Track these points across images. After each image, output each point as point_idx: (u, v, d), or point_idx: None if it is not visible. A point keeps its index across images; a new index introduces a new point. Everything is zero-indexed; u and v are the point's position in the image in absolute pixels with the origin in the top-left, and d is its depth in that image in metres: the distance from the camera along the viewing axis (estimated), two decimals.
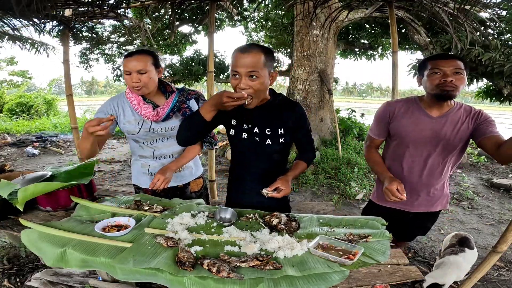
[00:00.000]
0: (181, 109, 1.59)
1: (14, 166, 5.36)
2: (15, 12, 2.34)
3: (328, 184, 4.56)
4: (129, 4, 3.13)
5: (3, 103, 12.31)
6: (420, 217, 1.65)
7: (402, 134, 1.53)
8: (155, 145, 1.64)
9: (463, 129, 1.45)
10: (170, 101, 1.56)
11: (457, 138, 1.46)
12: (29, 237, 1.23)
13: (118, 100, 1.57)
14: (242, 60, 1.15)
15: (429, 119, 1.47)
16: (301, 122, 1.41)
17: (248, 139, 1.40)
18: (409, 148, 1.53)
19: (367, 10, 3.29)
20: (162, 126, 1.59)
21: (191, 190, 1.81)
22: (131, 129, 1.57)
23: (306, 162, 1.50)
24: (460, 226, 3.27)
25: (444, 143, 1.47)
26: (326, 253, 1.11)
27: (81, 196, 1.63)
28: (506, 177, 5.09)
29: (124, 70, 1.45)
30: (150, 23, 7.41)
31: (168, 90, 1.61)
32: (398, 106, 1.56)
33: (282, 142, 1.40)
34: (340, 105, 10.55)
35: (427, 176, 1.55)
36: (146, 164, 1.67)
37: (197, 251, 1.13)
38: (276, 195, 1.30)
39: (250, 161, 1.46)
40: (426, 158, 1.52)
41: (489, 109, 34.02)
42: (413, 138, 1.50)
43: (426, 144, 1.49)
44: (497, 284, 2.27)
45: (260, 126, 1.38)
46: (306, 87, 6.06)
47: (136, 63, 1.42)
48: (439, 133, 1.46)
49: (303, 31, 5.89)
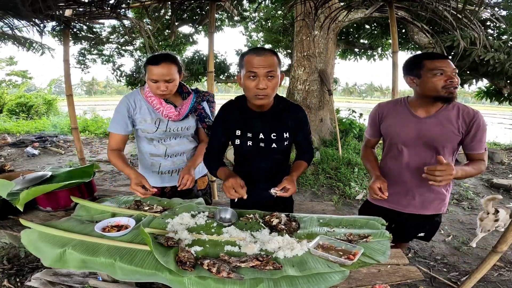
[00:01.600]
0: (197, 110, 1.67)
1: (14, 166, 5.35)
2: (15, 12, 2.34)
3: (328, 184, 4.56)
4: (129, 4, 3.13)
5: (3, 103, 12.30)
6: (414, 219, 1.59)
7: (391, 134, 1.54)
8: (168, 143, 1.66)
9: (452, 130, 1.40)
10: (189, 102, 1.63)
11: (444, 138, 1.42)
12: (29, 237, 1.23)
13: (134, 98, 1.58)
14: (260, 62, 1.19)
15: (415, 119, 1.45)
16: (302, 125, 1.45)
17: (254, 146, 1.42)
18: (399, 148, 1.52)
19: (367, 10, 3.29)
20: (179, 126, 1.63)
21: (198, 188, 1.83)
22: (147, 128, 1.59)
23: (307, 161, 1.53)
24: (460, 226, 3.27)
25: (432, 143, 1.43)
26: (326, 253, 1.11)
27: (81, 196, 1.63)
28: (506, 177, 5.09)
29: (150, 77, 1.46)
30: (150, 23, 7.42)
31: (184, 90, 1.67)
32: (387, 107, 1.57)
33: (286, 145, 1.44)
34: (340, 105, 10.56)
35: (417, 177, 1.49)
36: (157, 162, 1.68)
37: (197, 251, 1.13)
38: (285, 194, 1.32)
39: (254, 163, 1.48)
40: (415, 159, 1.49)
41: (489, 109, 34.01)
42: (402, 139, 1.50)
43: (414, 145, 1.47)
44: (497, 284, 2.27)
45: (266, 132, 1.40)
46: (306, 87, 6.06)
47: (164, 72, 1.44)
48: (426, 134, 1.43)
49: (303, 32, 5.89)
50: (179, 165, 1.70)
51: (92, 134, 8.79)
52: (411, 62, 1.43)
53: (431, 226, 1.64)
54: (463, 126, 1.40)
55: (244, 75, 1.25)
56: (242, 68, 1.26)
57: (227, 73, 8.71)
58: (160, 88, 1.47)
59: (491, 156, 6.21)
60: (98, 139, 8.24)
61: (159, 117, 1.59)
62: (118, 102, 1.59)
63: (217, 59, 8.60)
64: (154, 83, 1.47)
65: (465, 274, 2.37)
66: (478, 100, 6.98)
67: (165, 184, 1.70)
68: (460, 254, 2.71)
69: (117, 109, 1.58)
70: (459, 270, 2.46)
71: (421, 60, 1.37)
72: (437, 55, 1.38)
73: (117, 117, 1.57)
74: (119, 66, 9.02)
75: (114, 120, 1.58)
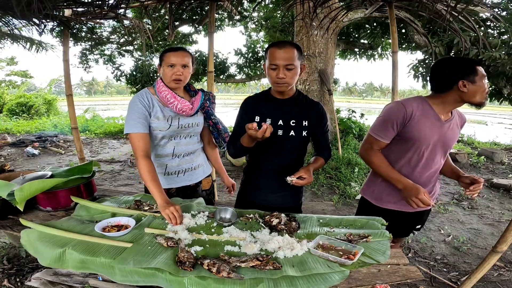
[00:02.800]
0: (204, 107, 1.70)
1: (14, 166, 5.36)
2: (15, 12, 2.34)
3: (328, 184, 4.56)
4: (128, 4, 3.13)
5: (3, 103, 12.31)
6: (418, 214, 1.66)
7: (415, 137, 1.46)
8: (177, 141, 1.65)
9: (457, 133, 1.54)
10: (199, 98, 1.67)
11: (454, 141, 1.52)
12: (28, 237, 1.23)
13: (145, 95, 1.55)
14: (280, 55, 1.31)
15: (440, 123, 1.47)
16: (322, 118, 1.49)
17: (271, 134, 1.41)
18: (421, 151, 1.50)
19: (367, 10, 3.29)
20: (190, 122, 1.64)
21: (203, 188, 1.83)
22: (160, 125, 1.56)
23: (324, 158, 1.55)
24: (460, 226, 3.27)
25: (446, 145, 1.52)
26: (326, 253, 1.11)
27: (81, 196, 1.63)
28: (506, 177, 5.09)
29: (167, 63, 1.51)
30: (150, 23, 7.42)
31: (192, 89, 1.73)
32: (414, 107, 1.44)
33: (304, 136, 1.46)
34: (340, 105, 10.57)
35: (428, 176, 1.56)
36: (163, 163, 1.66)
37: (197, 251, 1.13)
38: (301, 182, 1.33)
39: (270, 157, 1.49)
40: (429, 160, 1.52)
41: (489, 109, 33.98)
42: (424, 142, 1.47)
43: (434, 147, 1.50)
44: (497, 284, 2.27)
45: (285, 118, 1.44)
46: (306, 87, 6.05)
47: (182, 57, 1.52)
48: (445, 137, 1.48)
49: (303, 31, 5.89)
50: (186, 166, 1.69)
51: (92, 134, 8.80)
52: (466, 67, 1.37)
53: (427, 215, 1.75)
54: (460, 128, 1.55)
55: (267, 66, 1.36)
56: (266, 60, 1.37)
57: (227, 73, 8.71)
58: (177, 72, 1.51)
59: (491, 156, 6.22)
60: (98, 139, 8.24)
61: (171, 114, 1.58)
62: (129, 103, 1.53)
63: (217, 59, 8.59)
64: (170, 67, 1.51)
65: (465, 274, 2.37)
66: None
67: (171, 186, 1.69)
68: (460, 254, 2.71)
69: (131, 108, 1.50)
70: (459, 270, 2.46)
71: (474, 66, 1.37)
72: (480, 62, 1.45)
73: (134, 115, 1.47)
74: (119, 66, 9.02)
75: (131, 119, 1.46)
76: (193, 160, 1.72)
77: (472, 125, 13.07)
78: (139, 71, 8.37)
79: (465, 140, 8.69)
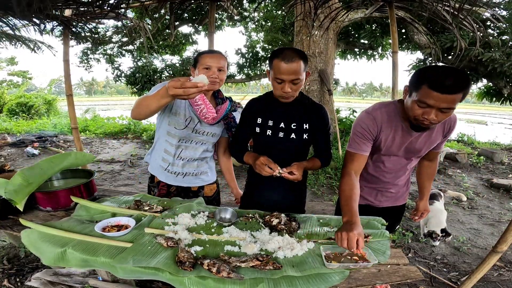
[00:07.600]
0: (228, 118, 1.63)
1: (14, 166, 5.35)
2: (15, 12, 2.34)
3: (328, 184, 4.56)
4: (129, 4, 3.13)
5: (3, 103, 12.30)
6: (386, 211, 1.66)
7: (381, 146, 1.42)
8: (185, 145, 1.62)
9: (434, 139, 1.40)
10: (224, 108, 1.60)
11: (426, 148, 1.42)
12: (29, 237, 1.23)
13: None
14: (286, 70, 1.27)
15: (408, 135, 1.37)
16: (323, 123, 1.47)
17: (273, 136, 1.45)
18: (381, 157, 1.49)
19: (367, 10, 3.29)
20: (206, 130, 1.60)
21: (204, 194, 1.79)
22: (177, 122, 1.54)
23: (321, 162, 1.51)
24: (460, 226, 3.27)
25: (416, 153, 1.45)
26: (344, 263, 1.08)
27: (81, 196, 1.63)
28: (506, 177, 5.09)
29: (203, 65, 1.49)
30: (150, 23, 7.42)
31: (220, 96, 1.67)
32: (380, 117, 1.35)
33: (305, 139, 1.45)
34: (340, 105, 10.56)
35: (394, 178, 1.56)
36: (167, 160, 1.65)
37: (197, 251, 1.13)
38: (289, 177, 1.33)
39: (272, 158, 1.45)
40: (395, 165, 1.51)
41: (489, 109, 33.97)
42: (389, 151, 1.45)
43: (399, 155, 1.47)
44: (497, 284, 2.27)
45: (287, 121, 1.44)
46: (306, 87, 6.06)
47: (218, 60, 1.50)
48: (414, 147, 1.41)
49: (303, 31, 5.89)
50: (188, 170, 1.67)
51: (92, 134, 8.80)
52: (416, 76, 1.17)
53: (401, 213, 1.78)
54: (445, 130, 1.39)
55: (272, 76, 1.33)
56: (271, 69, 1.33)
57: (227, 72, 8.69)
58: (213, 75, 1.48)
59: (491, 156, 6.22)
60: (98, 139, 8.24)
61: (192, 115, 1.55)
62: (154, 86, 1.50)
63: None
64: (206, 69, 1.49)
65: (465, 274, 2.37)
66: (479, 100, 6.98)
67: (171, 182, 1.69)
68: (460, 254, 2.71)
69: (157, 86, 1.46)
70: (459, 270, 2.46)
71: (422, 83, 1.12)
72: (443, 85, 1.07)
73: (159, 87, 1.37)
74: (119, 66, 9.01)
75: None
76: (197, 166, 1.69)
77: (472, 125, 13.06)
78: (139, 71, 8.36)
79: (465, 140, 8.70)
